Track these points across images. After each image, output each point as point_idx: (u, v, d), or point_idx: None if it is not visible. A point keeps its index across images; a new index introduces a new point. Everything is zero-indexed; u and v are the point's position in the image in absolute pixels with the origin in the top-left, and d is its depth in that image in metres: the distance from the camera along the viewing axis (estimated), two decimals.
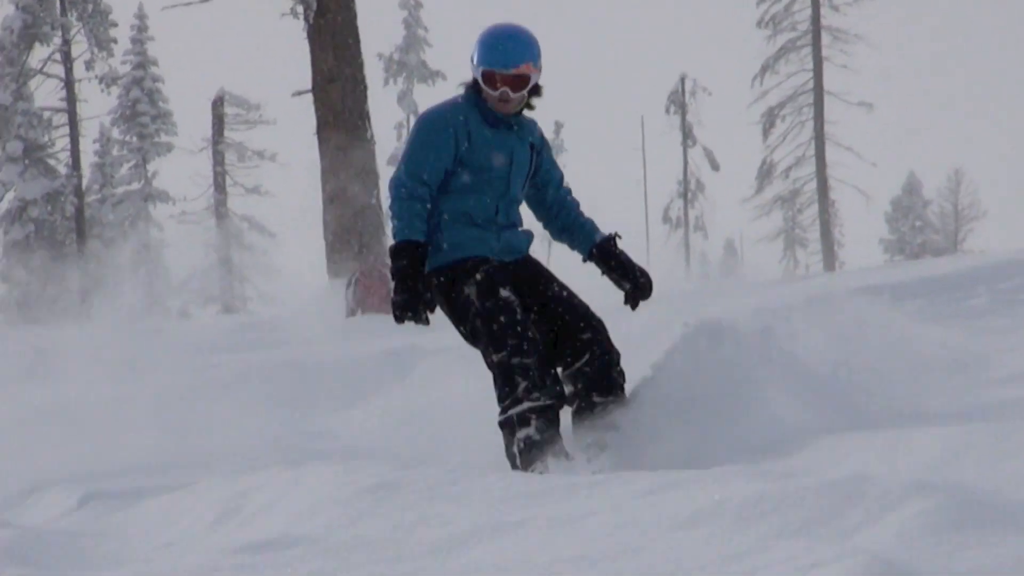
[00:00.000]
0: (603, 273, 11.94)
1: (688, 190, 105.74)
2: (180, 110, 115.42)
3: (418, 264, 11.04)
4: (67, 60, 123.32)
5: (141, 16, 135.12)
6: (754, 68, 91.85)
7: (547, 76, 13.64)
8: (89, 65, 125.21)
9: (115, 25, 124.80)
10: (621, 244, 12.13)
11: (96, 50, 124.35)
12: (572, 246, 11.86)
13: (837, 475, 13.88)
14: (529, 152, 11.61)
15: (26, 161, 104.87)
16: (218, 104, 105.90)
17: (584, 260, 11.95)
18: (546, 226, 11.83)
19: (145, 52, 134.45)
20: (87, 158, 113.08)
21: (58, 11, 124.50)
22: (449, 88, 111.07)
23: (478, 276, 10.98)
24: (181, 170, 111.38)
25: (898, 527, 12.04)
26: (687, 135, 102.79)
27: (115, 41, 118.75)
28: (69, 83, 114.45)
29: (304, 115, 42.79)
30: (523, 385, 11.46)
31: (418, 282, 11.08)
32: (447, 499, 15.00)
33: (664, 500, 13.91)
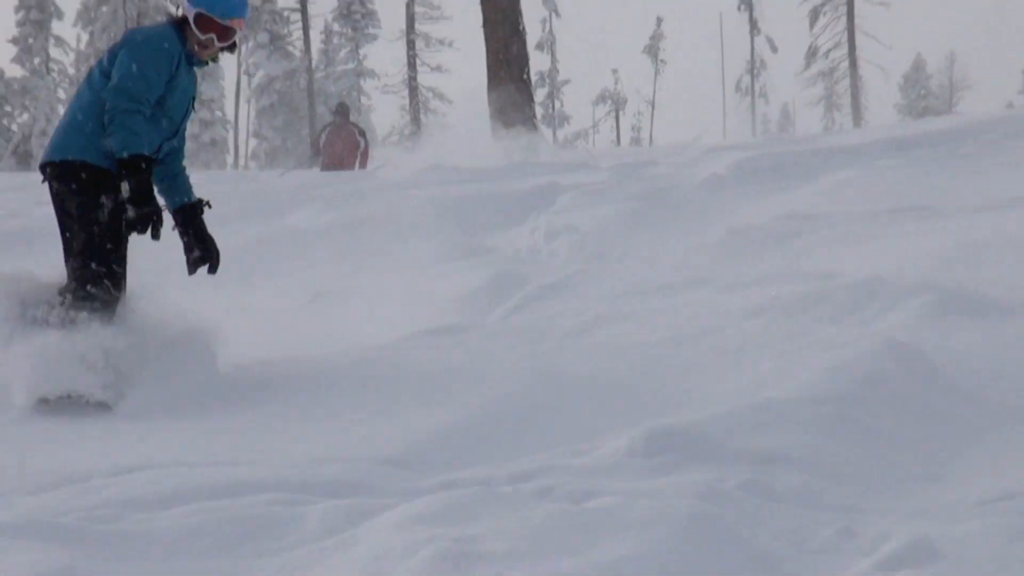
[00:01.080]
0: (180, 231, 10.40)
1: (754, 67, 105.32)
2: (382, 8, 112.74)
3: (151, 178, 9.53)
4: None
5: None
6: None
7: None
8: None
9: None
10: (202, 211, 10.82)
11: None
12: (165, 194, 10.30)
13: (858, 276, 13.98)
14: (192, 100, 10.31)
15: (271, 47, 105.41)
16: (410, 4, 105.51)
17: (171, 211, 10.45)
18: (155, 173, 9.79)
19: None
20: (315, 45, 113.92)
21: None
22: None
23: (120, 197, 9.58)
24: (384, 53, 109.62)
25: (905, 316, 12.13)
26: (753, 26, 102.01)
27: None
28: None
29: (474, 12, 40.66)
30: (99, 302, 9.95)
31: (154, 195, 9.68)
32: (578, 296, 15.09)
33: (736, 297, 13.98)
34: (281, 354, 14.13)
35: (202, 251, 10.08)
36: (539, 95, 75.11)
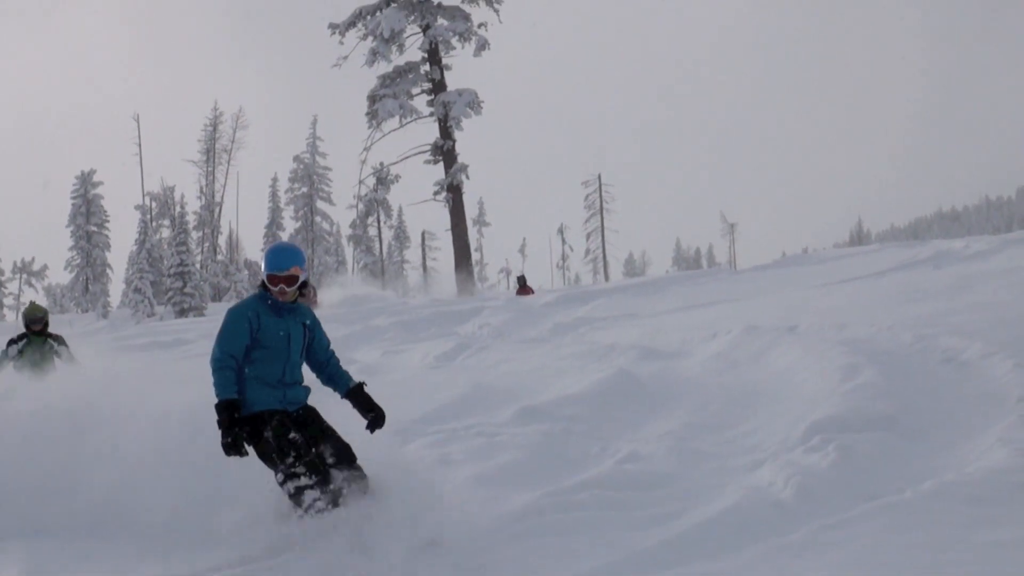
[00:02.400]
0: (353, 406, 7.39)
1: (564, 260, 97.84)
2: (411, 224, 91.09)
3: (234, 415, 6.99)
4: None
5: None
6: (587, 219, 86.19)
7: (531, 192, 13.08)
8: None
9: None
10: (367, 388, 7.70)
11: None
12: (334, 389, 7.30)
13: (607, 342, 14.07)
14: (303, 328, 7.50)
15: (363, 248, 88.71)
16: (423, 241, 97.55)
17: (342, 397, 7.31)
18: (317, 375, 7.61)
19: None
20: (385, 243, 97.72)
21: None
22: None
23: (273, 423, 7.00)
24: (413, 253, 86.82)
25: (626, 358, 12.24)
26: (564, 239, 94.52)
27: None
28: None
29: (442, 216, 37.95)
30: (308, 501, 6.48)
31: (235, 428, 6.99)
32: (492, 351, 15.15)
33: (557, 350, 14.01)
34: (375, 372, 14.18)
35: (374, 418, 7.34)
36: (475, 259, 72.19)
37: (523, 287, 31.44)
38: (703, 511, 6.39)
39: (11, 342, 12.09)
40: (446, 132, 38.60)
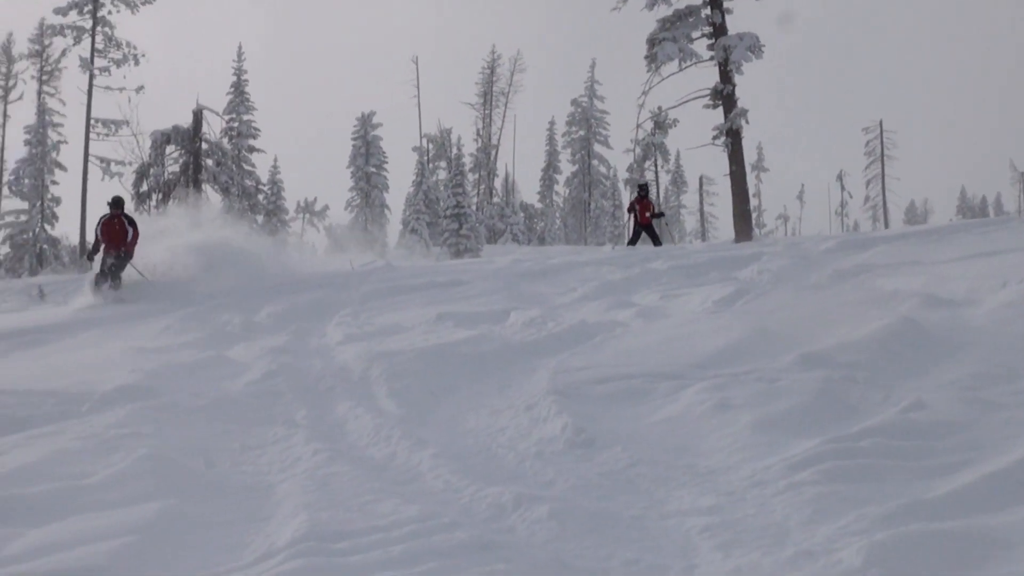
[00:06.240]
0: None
1: (842, 209, 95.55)
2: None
3: None
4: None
5: None
6: (867, 165, 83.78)
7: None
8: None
9: None
10: None
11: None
12: None
13: (889, 289, 13.66)
14: None
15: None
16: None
17: None
18: None
19: None
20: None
21: None
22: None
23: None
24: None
25: (909, 306, 11.90)
26: (843, 186, 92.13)
27: None
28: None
29: (720, 161, 37.25)
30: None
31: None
32: (774, 296, 14.89)
33: (825, 293, 13.73)
34: (653, 315, 14.09)
35: None
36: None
37: (643, 199, 30.56)
38: (993, 462, 6.21)
39: None
40: (726, 76, 37.94)
